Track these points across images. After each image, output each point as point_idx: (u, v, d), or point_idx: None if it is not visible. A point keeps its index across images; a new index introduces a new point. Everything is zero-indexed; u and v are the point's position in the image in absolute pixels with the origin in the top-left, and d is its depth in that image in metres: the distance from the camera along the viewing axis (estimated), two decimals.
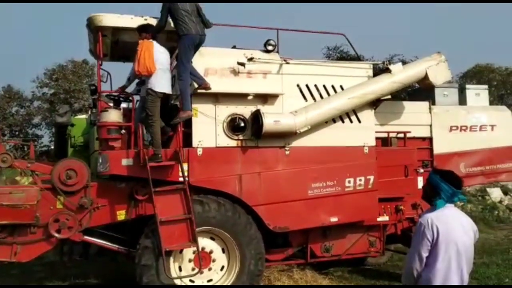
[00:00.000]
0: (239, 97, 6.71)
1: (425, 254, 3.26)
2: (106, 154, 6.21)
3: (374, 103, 7.41)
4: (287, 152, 6.91)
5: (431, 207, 3.46)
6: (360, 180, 7.21)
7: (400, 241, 8.63)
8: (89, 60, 31.63)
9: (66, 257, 8.19)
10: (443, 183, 3.39)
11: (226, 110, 6.66)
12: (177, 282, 6.20)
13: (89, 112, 8.23)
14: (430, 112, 8.30)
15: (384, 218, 7.62)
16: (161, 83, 6.25)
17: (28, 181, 6.05)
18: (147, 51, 6.10)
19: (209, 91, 6.46)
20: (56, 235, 5.90)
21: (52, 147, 17.04)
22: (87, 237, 6.37)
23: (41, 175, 6.09)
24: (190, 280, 6.38)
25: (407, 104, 8.33)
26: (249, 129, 6.72)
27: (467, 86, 9.22)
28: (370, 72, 7.45)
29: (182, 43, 6.27)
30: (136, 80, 7.14)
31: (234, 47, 7.03)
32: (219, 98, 6.61)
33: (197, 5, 6.51)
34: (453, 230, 3.26)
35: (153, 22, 6.51)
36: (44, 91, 34.76)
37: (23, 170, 5.92)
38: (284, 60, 6.91)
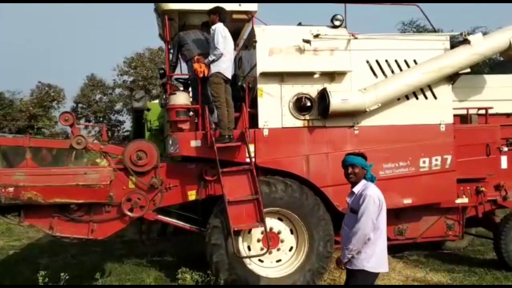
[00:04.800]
0: (305, 76, 6.54)
1: (375, 221, 3.98)
2: (176, 136, 6.37)
3: (452, 78, 6.92)
4: (356, 132, 6.67)
5: (367, 182, 4.14)
6: (436, 160, 6.82)
7: (482, 225, 8.13)
8: (164, 47, 32.67)
9: (144, 236, 8.56)
10: (364, 160, 4.24)
11: (291, 90, 6.54)
12: (246, 261, 6.25)
13: (161, 96, 8.48)
14: None
15: (463, 200, 7.16)
16: (225, 67, 6.33)
17: (106, 163, 6.33)
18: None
19: (274, 70, 6.38)
20: (129, 213, 6.15)
21: None
22: (160, 216, 6.59)
23: (115, 156, 6.36)
24: (259, 260, 6.41)
25: (489, 78, 7.70)
26: (316, 109, 6.55)
27: None
28: (447, 44, 6.94)
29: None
30: None
31: (299, 24, 6.84)
32: (284, 77, 6.49)
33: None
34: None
35: (219, 4, 6.49)
36: (124, 79, 36.59)
37: (97, 151, 6.21)
38: (352, 35, 6.63)
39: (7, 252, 9.53)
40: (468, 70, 6.90)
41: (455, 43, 7.13)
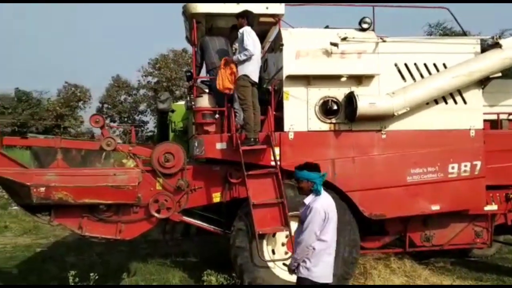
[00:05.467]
0: (332, 79, 6.49)
1: (318, 232, 4.06)
2: (201, 138, 6.40)
3: (482, 82, 6.77)
4: (383, 136, 6.59)
5: (312, 194, 4.17)
6: (466, 166, 6.68)
7: (511, 232, 7.92)
8: (188, 49, 32.96)
9: (168, 236, 8.63)
10: (313, 173, 4.21)
11: (318, 93, 6.49)
12: (271, 265, 6.24)
13: (187, 98, 8.55)
14: None
15: (492, 207, 7.01)
16: (252, 70, 6.33)
17: (133, 164, 6.41)
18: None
19: (301, 73, 6.36)
20: (156, 215, 6.21)
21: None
22: (185, 218, 6.62)
23: (142, 158, 6.43)
24: (284, 264, 6.38)
25: None
26: (343, 112, 6.50)
27: None
28: (478, 48, 6.79)
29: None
30: None
31: (327, 27, 6.81)
32: (311, 80, 6.45)
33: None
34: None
35: (246, 7, 6.49)
36: (149, 80, 37.03)
37: (126, 153, 6.27)
38: (381, 38, 6.55)
39: (34, 250, 9.73)
40: (499, 74, 6.75)
41: (485, 47, 6.99)
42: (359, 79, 6.53)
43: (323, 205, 4.11)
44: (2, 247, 10.10)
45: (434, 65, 6.70)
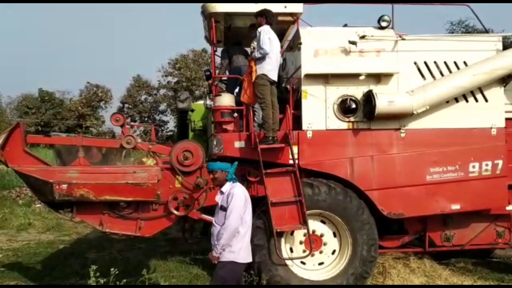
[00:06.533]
0: (351, 78, 6.48)
1: (242, 215, 4.56)
2: (220, 136, 6.45)
3: (504, 80, 6.68)
4: (402, 135, 6.55)
5: (233, 182, 4.73)
6: (487, 165, 6.60)
7: None
8: (207, 49, 33.19)
9: (187, 234, 8.69)
10: (224, 164, 4.86)
11: (336, 92, 6.49)
12: (289, 263, 6.26)
13: (206, 97, 8.61)
14: None
15: None
16: (271, 68, 6.33)
17: (153, 162, 6.50)
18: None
19: (319, 72, 6.36)
20: (175, 212, 6.29)
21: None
22: (204, 216, 6.68)
23: (162, 156, 6.51)
24: (302, 262, 6.41)
25: None
26: (361, 111, 6.48)
27: None
28: (499, 45, 6.69)
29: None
30: None
31: (345, 25, 6.79)
32: (329, 79, 6.45)
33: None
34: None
35: (264, 6, 6.51)
36: (169, 80, 37.41)
37: (145, 151, 6.37)
38: (400, 36, 6.51)
39: (57, 246, 9.94)
40: None
41: (508, 44, 6.88)
42: (378, 78, 6.50)
43: (242, 190, 4.62)
44: (26, 243, 10.34)
45: (455, 63, 6.64)
